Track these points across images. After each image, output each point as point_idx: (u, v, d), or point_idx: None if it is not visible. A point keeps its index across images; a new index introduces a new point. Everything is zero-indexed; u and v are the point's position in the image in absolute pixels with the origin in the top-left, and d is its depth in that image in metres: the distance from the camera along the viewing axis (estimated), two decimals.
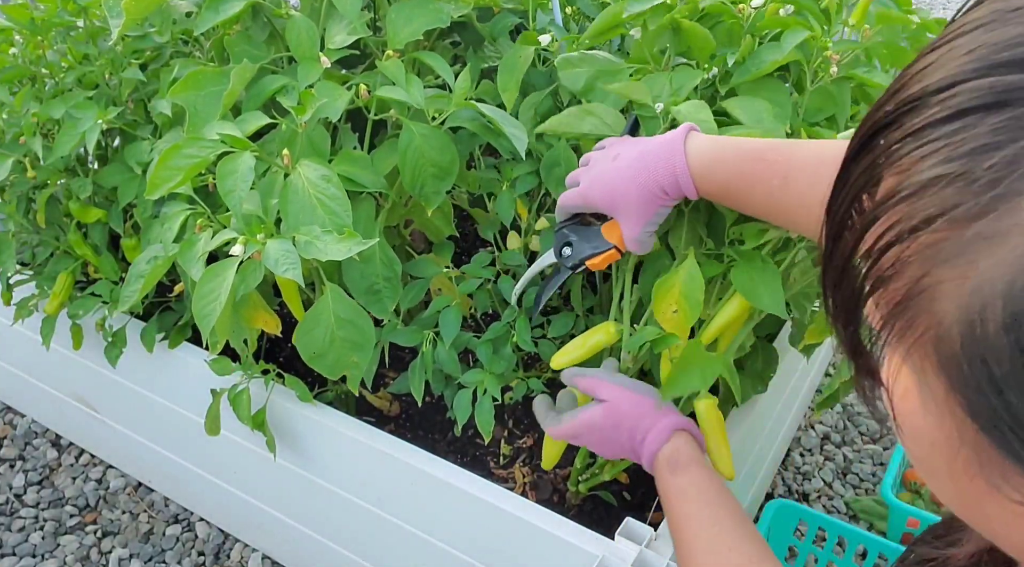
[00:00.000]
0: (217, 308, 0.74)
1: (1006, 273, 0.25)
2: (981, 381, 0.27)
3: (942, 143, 0.27)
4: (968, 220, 0.26)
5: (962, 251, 0.27)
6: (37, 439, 1.60)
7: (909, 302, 0.29)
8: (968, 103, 0.27)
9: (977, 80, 0.27)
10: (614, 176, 0.76)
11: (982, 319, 0.26)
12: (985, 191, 0.26)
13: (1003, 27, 0.28)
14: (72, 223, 1.12)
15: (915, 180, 0.28)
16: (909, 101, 0.30)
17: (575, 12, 1.15)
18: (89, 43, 1.07)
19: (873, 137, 0.31)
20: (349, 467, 1.02)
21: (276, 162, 0.79)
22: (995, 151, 0.26)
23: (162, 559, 1.38)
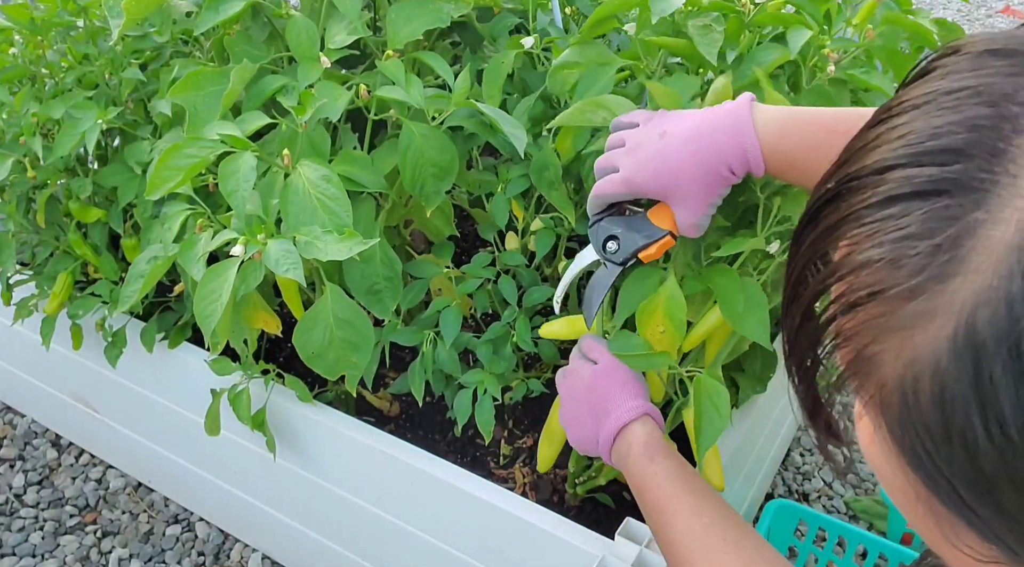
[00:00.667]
0: (219, 308, 0.74)
1: (933, 351, 0.27)
2: (918, 448, 0.29)
3: (876, 227, 0.29)
4: (900, 300, 0.28)
5: (896, 328, 0.29)
6: (37, 439, 1.60)
7: (858, 367, 0.31)
8: (896, 191, 0.29)
9: (906, 169, 0.29)
10: (668, 156, 0.69)
11: (915, 392, 0.28)
12: (912, 276, 0.28)
13: (935, 113, 0.30)
14: (72, 223, 1.12)
15: (854, 259, 0.30)
16: (848, 180, 0.32)
17: (575, 12, 1.15)
18: (89, 43, 1.07)
19: (820, 210, 0.33)
20: (349, 467, 1.02)
21: (276, 162, 0.79)
22: (920, 240, 0.28)
23: (162, 559, 1.38)
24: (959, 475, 0.28)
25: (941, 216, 0.28)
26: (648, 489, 0.71)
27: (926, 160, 0.29)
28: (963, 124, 0.29)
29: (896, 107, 0.32)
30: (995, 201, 0.27)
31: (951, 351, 0.27)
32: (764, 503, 1.34)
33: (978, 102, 0.29)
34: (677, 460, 0.72)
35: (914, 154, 0.29)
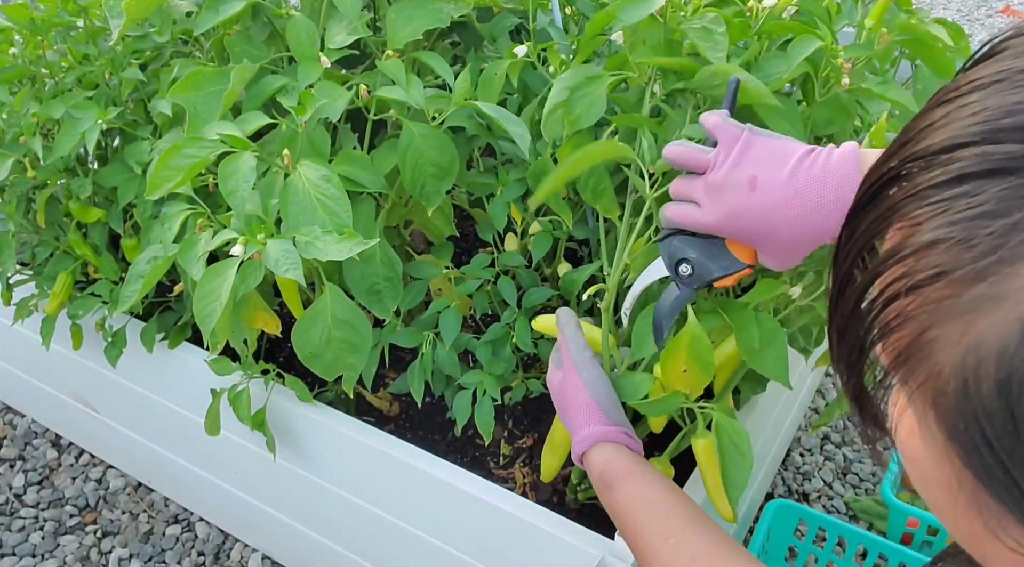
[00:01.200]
0: (218, 308, 0.74)
1: (1000, 336, 0.26)
2: (975, 437, 0.28)
3: (945, 206, 0.28)
4: (967, 282, 0.27)
5: (960, 311, 0.27)
6: (37, 439, 1.60)
7: (911, 353, 0.29)
8: (970, 168, 0.28)
9: (980, 146, 0.28)
10: (763, 214, 0.62)
11: (976, 378, 0.27)
12: (984, 256, 0.27)
13: (1010, 90, 0.29)
14: (72, 223, 1.12)
15: (918, 240, 0.29)
16: (913, 158, 0.30)
17: (575, 12, 1.14)
18: (89, 43, 1.07)
19: (880, 191, 0.32)
20: (349, 467, 1.02)
21: (276, 162, 0.79)
22: (995, 218, 0.27)
23: (162, 559, 1.38)
24: (1021, 464, 0.27)
25: (1019, 195, 0.26)
26: (614, 516, 0.71)
27: (1003, 137, 0.28)
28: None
29: (964, 86, 0.31)
30: None
31: (1021, 335, 0.26)
32: (764, 503, 1.34)
33: None
34: (637, 481, 0.70)
35: (990, 131, 0.28)
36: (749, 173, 0.63)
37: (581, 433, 0.74)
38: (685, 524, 0.66)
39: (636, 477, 0.70)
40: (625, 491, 0.69)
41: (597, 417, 0.74)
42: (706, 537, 0.65)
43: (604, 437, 0.73)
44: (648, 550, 0.66)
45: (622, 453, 0.72)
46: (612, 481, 0.70)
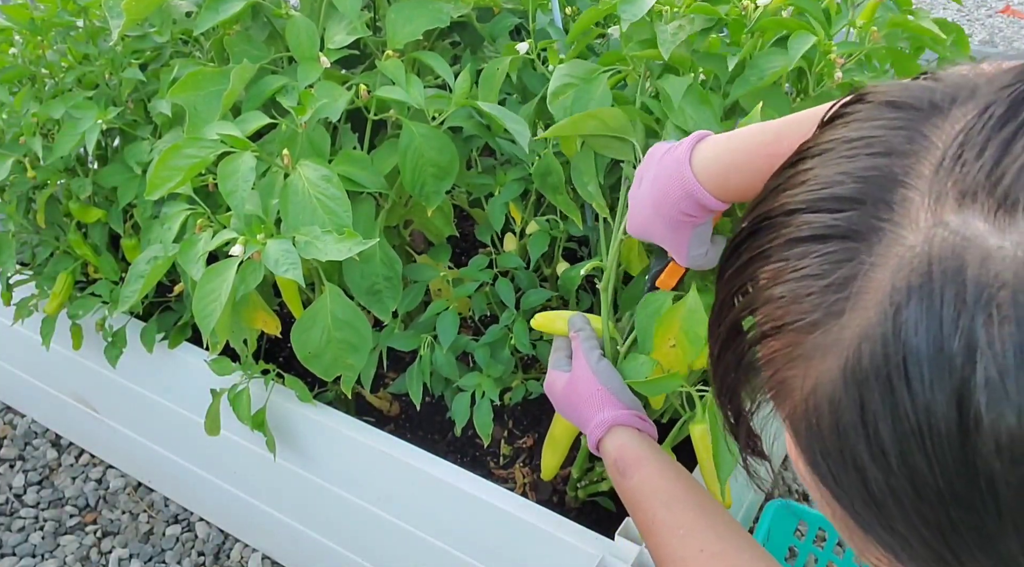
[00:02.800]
0: (218, 308, 0.74)
1: (830, 382, 0.30)
2: (823, 469, 0.31)
3: (781, 266, 0.32)
4: (803, 333, 0.31)
5: (802, 358, 0.31)
6: (37, 439, 1.60)
7: (775, 390, 0.33)
8: (798, 233, 0.32)
9: (805, 214, 0.32)
10: (640, 209, 0.72)
11: (817, 419, 0.31)
12: (811, 312, 0.31)
13: (834, 161, 0.33)
14: (72, 223, 1.12)
15: (765, 294, 0.33)
16: (761, 219, 0.34)
17: (575, 12, 1.14)
18: (89, 43, 1.07)
19: (739, 245, 0.36)
20: (349, 467, 1.02)
21: (276, 162, 0.79)
22: (817, 279, 0.31)
23: (162, 559, 1.38)
24: (857, 496, 0.30)
25: (834, 259, 0.30)
26: (627, 504, 0.72)
27: (823, 206, 0.31)
28: (855, 175, 0.31)
29: (808, 150, 0.35)
30: (880, 247, 0.29)
31: (843, 383, 0.29)
32: (764, 503, 1.34)
33: (870, 153, 0.32)
34: (650, 468, 0.71)
35: (813, 200, 0.32)
36: (640, 174, 0.73)
37: (596, 419, 0.75)
38: (694, 514, 0.67)
39: (648, 465, 0.71)
40: (637, 479, 0.71)
41: (611, 402, 0.76)
42: (714, 528, 0.66)
43: (618, 421, 0.75)
44: (658, 539, 0.68)
45: (636, 439, 0.74)
46: (625, 469, 0.72)
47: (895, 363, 0.28)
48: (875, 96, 0.34)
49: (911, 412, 0.27)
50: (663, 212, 0.69)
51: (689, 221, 0.69)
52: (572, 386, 0.79)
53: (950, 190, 0.29)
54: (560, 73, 0.81)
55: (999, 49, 3.39)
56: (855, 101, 0.35)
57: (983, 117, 0.30)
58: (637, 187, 0.73)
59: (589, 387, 0.77)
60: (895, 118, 0.32)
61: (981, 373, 0.26)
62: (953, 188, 0.29)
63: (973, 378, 0.26)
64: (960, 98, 0.32)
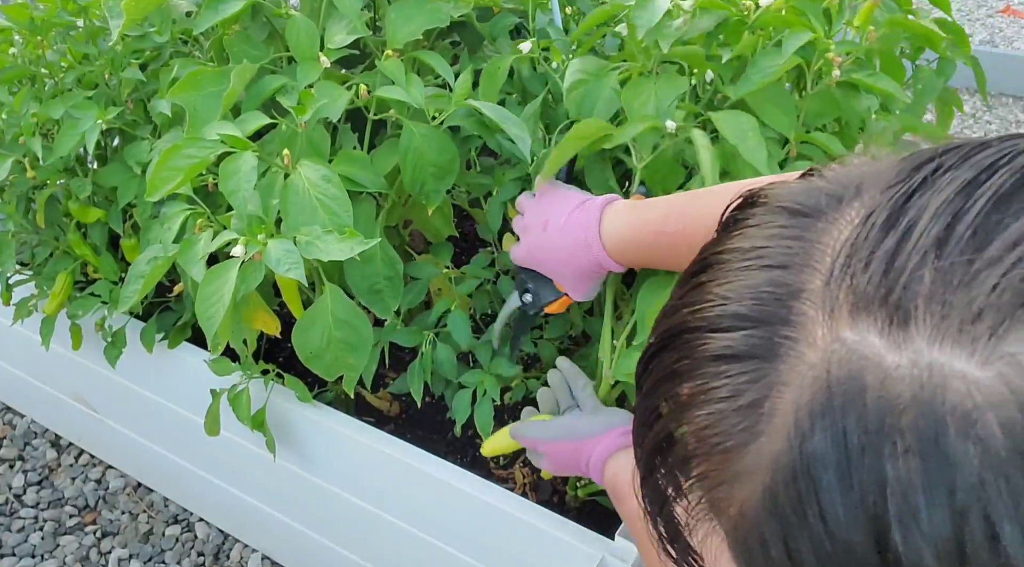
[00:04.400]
0: (221, 310, 0.74)
1: (753, 509, 0.29)
2: None
3: (692, 387, 0.31)
4: (722, 458, 0.30)
5: (725, 484, 0.30)
6: (37, 439, 1.60)
7: (702, 510, 0.32)
8: (701, 354, 0.31)
9: (705, 333, 0.31)
10: (547, 249, 0.78)
11: (746, 544, 0.29)
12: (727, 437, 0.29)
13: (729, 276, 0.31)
14: (72, 223, 1.12)
15: (681, 414, 0.31)
16: (668, 336, 0.33)
17: (575, 12, 1.14)
18: (89, 43, 1.07)
19: (654, 356, 0.34)
20: (349, 467, 1.02)
21: (276, 162, 0.79)
22: (726, 402, 0.29)
23: (162, 559, 1.38)
24: None
25: (744, 380, 0.29)
26: (629, 526, 0.75)
27: (725, 325, 0.30)
28: (753, 291, 0.30)
29: (707, 258, 0.34)
30: (785, 365, 0.28)
31: (765, 513, 0.28)
32: None
33: (764, 265, 0.30)
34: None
35: (714, 318, 0.31)
36: (543, 217, 0.78)
37: (590, 467, 0.79)
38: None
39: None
40: (630, 503, 0.73)
41: (590, 445, 0.79)
42: None
43: (604, 454, 0.78)
44: (652, 560, 0.69)
45: (626, 463, 0.76)
46: (618, 495, 0.75)
47: (808, 500, 0.26)
48: (769, 200, 0.33)
49: (831, 550, 0.26)
50: (572, 267, 0.76)
51: (596, 274, 0.77)
52: (559, 463, 0.83)
53: (843, 303, 0.28)
54: (574, 69, 0.83)
55: (999, 49, 3.40)
56: (749, 205, 0.34)
57: (866, 225, 0.28)
58: (541, 229, 0.78)
59: (568, 454, 0.81)
60: (786, 226, 0.31)
61: (894, 509, 0.25)
62: (845, 301, 0.27)
63: (887, 515, 0.25)
64: (845, 197, 0.31)
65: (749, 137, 0.74)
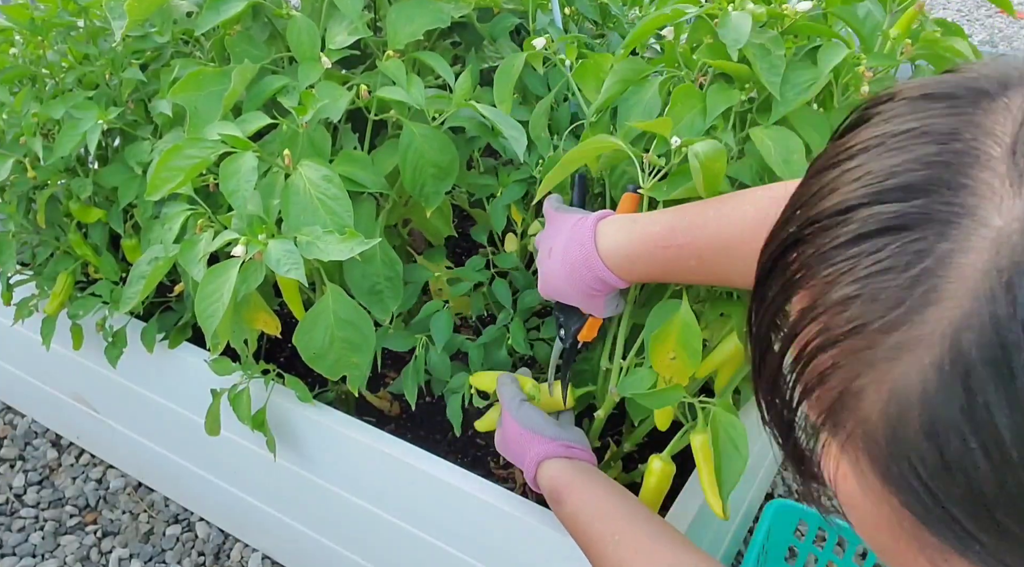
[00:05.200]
0: (220, 309, 0.74)
1: (918, 382, 0.28)
2: (910, 479, 0.29)
3: (849, 264, 0.30)
4: (881, 333, 0.29)
5: (879, 361, 0.29)
6: (37, 439, 1.60)
7: (838, 405, 0.31)
8: (865, 228, 0.30)
9: (870, 207, 0.30)
10: (553, 276, 0.77)
11: (903, 424, 0.28)
12: (892, 308, 0.29)
13: (887, 154, 0.31)
14: (72, 223, 1.12)
15: (830, 297, 0.30)
16: (810, 223, 0.32)
17: (574, 13, 1.15)
18: (89, 43, 1.07)
19: (782, 256, 0.34)
20: (349, 467, 1.02)
21: (277, 162, 0.79)
22: (896, 273, 0.29)
23: (162, 559, 1.38)
24: (958, 503, 0.28)
25: (911, 250, 0.29)
26: (568, 530, 0.75)
27: (888, 197, 0.30)
28: (917, 161, 0.30)
29: (843, 153, 0.33)
30: (959, 231, 0.28)
31: (938, 379, 0.27)
32: (764, 503, 1.35)
33: (927, 141, 0.30)
34: (580, 490, 0.74)
35: (875, 193, 0.30)
36: (549, 244, 0.78)
37: (525, 460, 0.79)
38: (626, 522, 0.69)
39: (579, 486, 0.74)
40: (571, 502, 0.73)
41: (535, 441, 0.80)
42: (645, 530, 0.68)
43: (546, 455, 0.78)
44: (597, 552, 0.70)
45: (566, 467, 0.77)
46: (558, 497, 0.75)
47: (1014, 347, 0.26)
48: (907, 93, 0.33)
49: None
50: (576, 287, 0.74)
51: (602, 292, 0.75)
52: (503, 436, 0.83)
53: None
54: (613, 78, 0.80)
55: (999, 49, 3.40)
56: (881, 102, 0.34)
57: None
58: (547, 256, 0.78)
59: (514, 433, 0.81)
60: (941, 107, 0.31)
61: None
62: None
63: None
64: (1004, 82, 0.31)
65: (794, 159, 0.71)
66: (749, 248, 0.63)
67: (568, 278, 0.75)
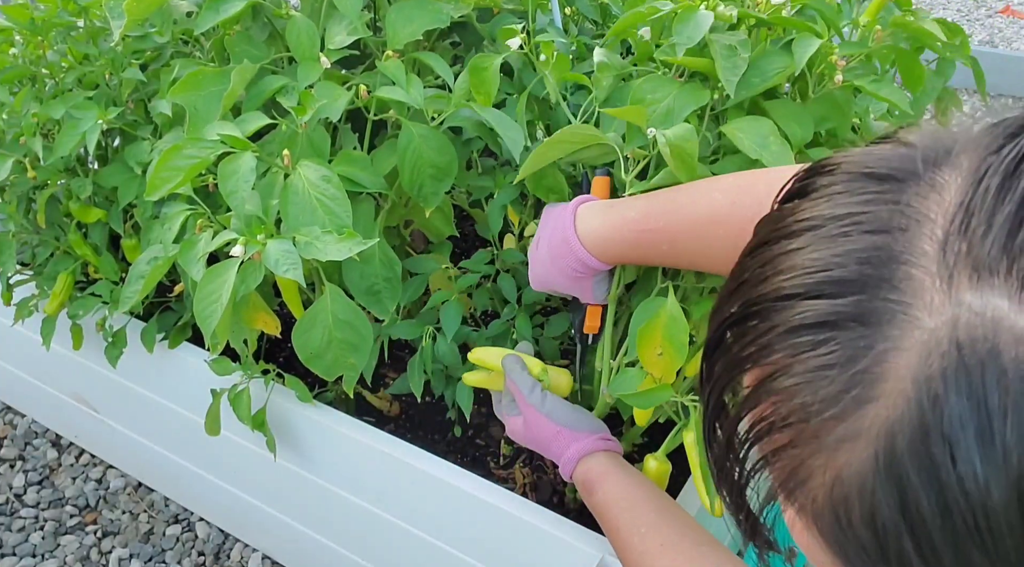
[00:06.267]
0: (219, 309, 0.74)
1: (859, 474, 0.28)
2: (853, 558, 0.30)
3: (790, 354, 0.30)
4: (825, 422, 0.29)
5: (823, 448, 0.29)
6: (37, 439, 1.60)
7: (790, 480, 0.31)
8: (802, 320, 0.30)
9: (806, 300, 0.30)
10: (540, 267, 0.79)
11: (846, 511, 0.29)
12: (831, 403, 0.29)
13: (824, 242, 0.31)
14: (72, 223, 1.12)
15: (775, 384, 0.31)
16: (751, 305, 0.32)
17: (574, 13, 1.14)
18: (89, 43, 1.07)
19: (726, 333, 0.34)
20: (349, 467, 1.02)
21: (276, 162, 0.79)
22: (833, 369, 0.29)
23: (162, 559, 1.38)
24: None
25: (848, 346, 0.29)
26: (598, 518, 0.77)
27: (824, 291, 0.30)
28: (852, 255, 0.30)
29: (784, 227, 0.33)
30: (896, 330, 0.28)
31: (875, 474, 0.28)
32: None
33: (864, 231, 0.30)
34: (612, 481, 0.76)
35: (812, 284, 0.30)
36: (538, 236, 0.81)
37: (564, 458, 0.80)
38: (654, 515, 0.71)
39: (611, 478, 0.76)
40: (602, 492, 0.75)
41: (572, 438, 0.81)
42: (673, 525, 0.70)
43: (582, 452, 0.79)
44: (623, 542, 0.72)
45: (599, 460, 0.79)
46: (591, 487, 0.77)
47: (940, 460, 0.26)
48: (848, 167, 0.33)
49: (966, 511, 0.26)
50: (561, 271, 0.77)
51: (587, 276, 0.77)
52: (531, 432, 0.83)
53: (961, 268, 0.27)
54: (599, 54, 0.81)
55: (999, 49, 3.39)
56: (824, 172, 0.34)
57: (979, 189, 0.28)
58: (536, 248, 0.80)
59: (547, 431, 0.82)
60: (879, 191, 0.31)
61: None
62: (965, 266, 0.27)
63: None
64: (938, 161, 0.31)
65: (771, 142, 0.71)
66: (717, 232, 0.64)
67: (552, 263, 0.77)
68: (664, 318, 0.73)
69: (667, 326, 0.73)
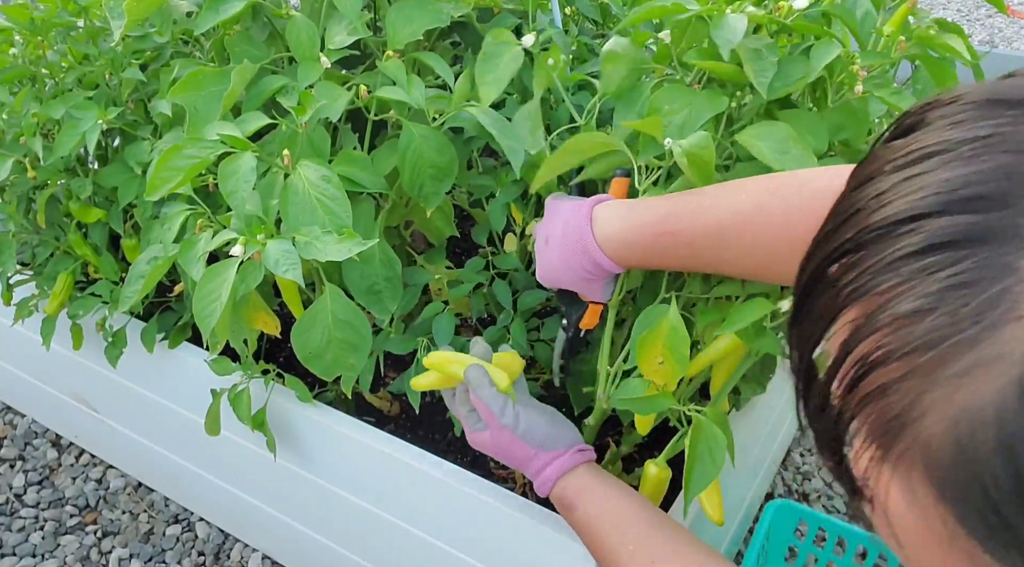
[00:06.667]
0: (218, 308, 0.74)
1: (995, 400, 0.26)
2: (976, 500, 0.27)
3: (914, 277, 0.28)
4: (952, 350, 0.27)
5: (946, 378, 0.27)
6: (37, 439, 1.60)
7: (894, 422, 0.29)
8: (934, 239, 0.28)
9: (940, 217, 0.29)
10: (550, 264, 0.78)
11: (973, 444, 0.27)
12: (970, 325, 0.27)
13: (958, 162, 0.29)
14: (72, 223, 1.12)
15: (888, 312, 0.29)
16: (866, 232, 0.31)
17: (575, 12, 1.15)
18: (89, 43, 1.07)
19: (829, 268, 0.32)
20: (349, 467, 1.02)
21: (276, 162, 0.79)
22: (973, 287, 0.27)
23: (162, 559, 1.38)
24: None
25: (986, 264, 0.27)
26: (580, 536, 0.74)
27: (961, 207, 0.28)
28: (993, 172, 0.29)
29: (900, 158, 0.32)
30: None
31: (1018, 398, 0.26)
32: (764, 503, 1.35)
33: (1003, 150, 0.29)
34: (592, 497, 0.73)
35: (947, 202, 0.29)
36: (546, 233, 0.79)
37: (541, 478, 0.77)
38: (641, 528, 0.69)
39: (591, 493, 0.73)
40: (583, 509, 0.73)
41: (547, 457, 0.77)
42: (662, 537, 0.68)
43: (562, 470, 0.76)
44: (611, 560, 0.69)
45: (578, 473, 0.76)
46: (570, 503, 0.74)
47: None
48: (972, 96, 0.32)
49: None
50: (574, 271, 0.75)
51: (599, 277, 0.76)
52: (502, 450, 0.79)
53: None
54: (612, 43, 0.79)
55: (999, 49, 3.39)
56: (941, 105, 0.33)
57: None
58: (544, 244, 0.78)
59: (522, 452, 0.78)
60: (1015, 114, 0.30)
61: None
62: None
63: None
64: None
65: (791, 147, 0.69)
66: (741, 236, 0.63)
67: (565, 262, 0.76)
68: (665, 328, 0.72)
69: (668, 336, 0.72)
